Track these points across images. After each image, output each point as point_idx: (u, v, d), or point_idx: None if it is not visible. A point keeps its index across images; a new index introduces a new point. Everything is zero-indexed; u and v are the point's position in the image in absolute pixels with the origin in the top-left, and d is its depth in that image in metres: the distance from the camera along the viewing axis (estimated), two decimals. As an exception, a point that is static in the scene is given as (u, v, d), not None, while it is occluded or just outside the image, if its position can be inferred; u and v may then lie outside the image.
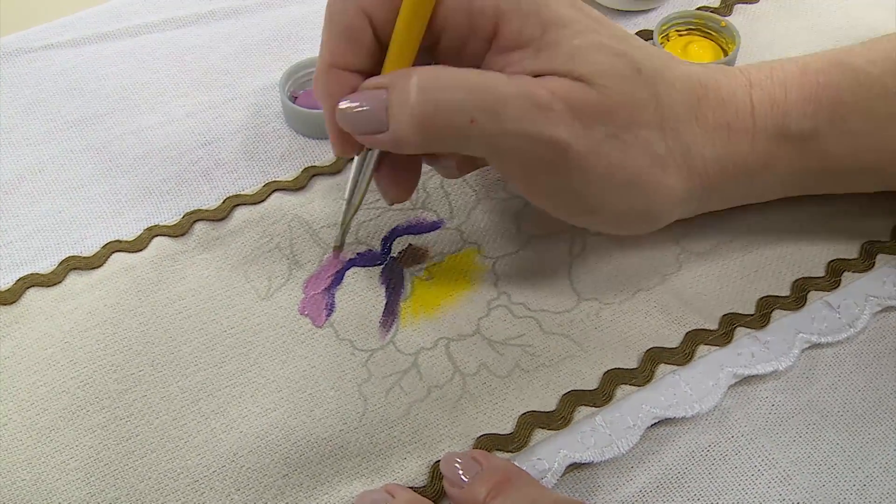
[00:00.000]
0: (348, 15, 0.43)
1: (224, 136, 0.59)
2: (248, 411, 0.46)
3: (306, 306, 0.50)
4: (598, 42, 0.42)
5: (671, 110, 0.44)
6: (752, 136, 0.46)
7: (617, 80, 0.42)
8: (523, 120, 0.41)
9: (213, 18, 0.67)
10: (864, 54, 0.47)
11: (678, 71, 0.45)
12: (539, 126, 0.41)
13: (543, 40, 0.42)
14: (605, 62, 0.42)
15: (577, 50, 0.42)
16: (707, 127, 0.45)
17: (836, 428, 0.46)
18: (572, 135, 0.41)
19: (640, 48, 0.44)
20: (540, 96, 0.41)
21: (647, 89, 0.43)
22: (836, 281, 0.50)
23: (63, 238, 0.53)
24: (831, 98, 0.46)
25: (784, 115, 0.46)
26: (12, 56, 0.64)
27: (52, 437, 0.45)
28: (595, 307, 0.49)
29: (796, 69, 0.47)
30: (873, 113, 0.46)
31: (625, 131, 0.43)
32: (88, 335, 0.48)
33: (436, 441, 0.45)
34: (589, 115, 0.42)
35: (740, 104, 0.46)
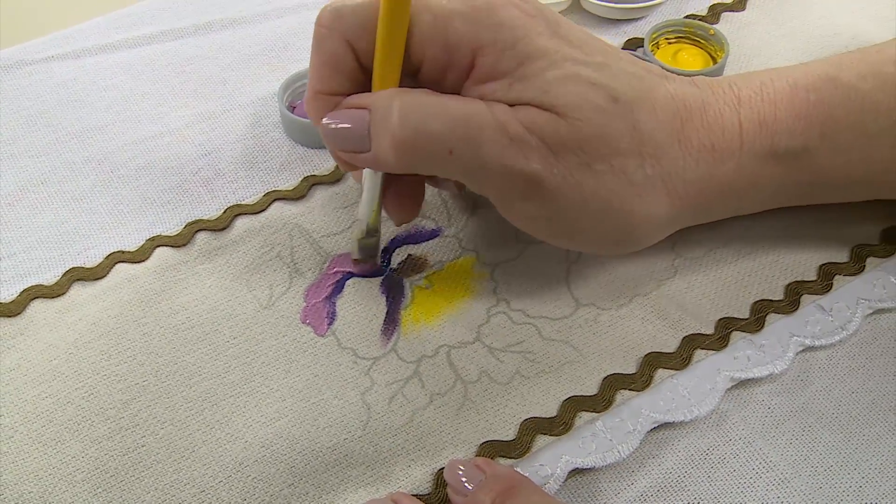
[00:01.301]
0: (332, 44, 0.42)
1: (224, 146, 0.58)
2: (253, 421, 0.44)
3: (308, 315, 0.48)
4: (573, 73, 0.41)
5: (651, 137, 0.42)
6: (739, 157, 0.44)
7: (590, 112, 0.41)
8: (499, 153, 0.40)
9: (211, 29, 0.66)
10: (855, 69, 0.46)
11: (662, 94, 0.43)
12: (513, 159, 0.40)
13: (518, 72, 0.41)
14: (579, 94, 0.41)
15: (551, 82, 0.41)
16: (691, 150, 0.44)
17: (831, 430, 0.45)
18: (545, 167, 0.41)
19: (620, 75, 0.42)
20: (514, 129, 0.40)
21: (624, 119, 0.42)
22: (828, 284, 0.49)
23: (66, 249, 0.52)
24: (822, 115, 0.45)
25: (773, 134, 0.45)
26: (13, 68, 0.62)
27: (59, 449, 0.44)
28: (593, 313, 0.48)
29: (786, 86, 0.46)
30: (864, 129, 0.45)
31: (598, 161, 0.41)
32: (92, 346, 0.47)
33: (439, 448, 0.44)
34: (562, 146, 0.41)
35: (727, 125, 0.44)
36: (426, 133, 0.40)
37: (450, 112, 0.40)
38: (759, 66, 0.61)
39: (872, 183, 0.48)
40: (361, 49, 0.42)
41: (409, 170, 0.42)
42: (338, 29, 0.42)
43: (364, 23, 0.41)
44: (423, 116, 0.40)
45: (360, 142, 0.41)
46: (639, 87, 0.43)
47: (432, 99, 0.41)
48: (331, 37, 0.42)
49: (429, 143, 0.40)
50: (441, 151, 0.40)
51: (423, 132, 0.40)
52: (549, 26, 0.42)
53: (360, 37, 0.42)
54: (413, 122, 0.40)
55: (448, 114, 0.40)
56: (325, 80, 0.43)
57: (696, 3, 0.66)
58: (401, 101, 0.40)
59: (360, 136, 0.41)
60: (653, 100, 0.43)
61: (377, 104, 0.41)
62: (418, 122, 0.40)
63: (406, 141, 0.40)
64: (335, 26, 0.42)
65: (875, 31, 0.63)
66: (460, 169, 0.41)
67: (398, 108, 0.40)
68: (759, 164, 0.45)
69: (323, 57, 0.42)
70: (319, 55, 0.43)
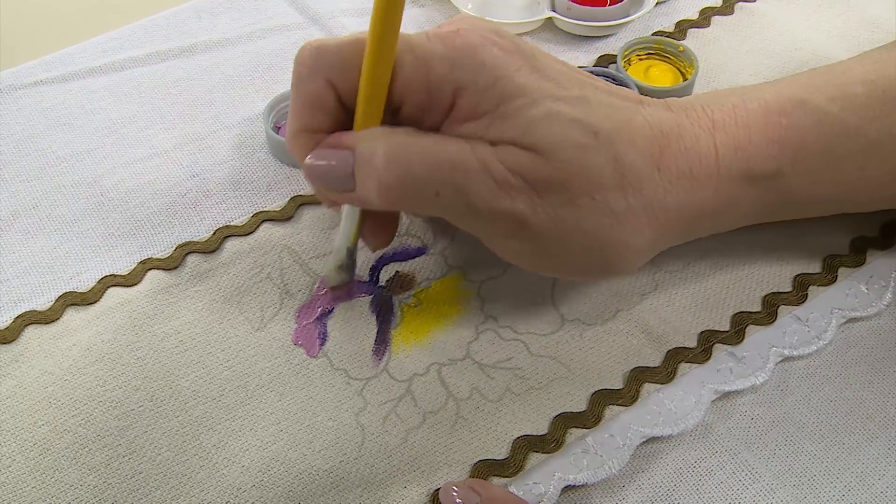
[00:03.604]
0: (313, 82, 0.39)
1: (211, 167, 0.55)
2: (249, 444, 0.42)
3: (300, 336, 0.46)
4: (553, 111, 0.38)
5: (631, 167, 0.40)
6: (717, 181, 0.42)
7: (571, 151, 0.38)
8: (485, 195, 0.38)
9: (196, 51, 0.63)
10: (824, 91, 0.44)
11: (639, 122, 0.41)
12: (499, 200, 0.38)
13: (499, 112, 0.38)
14: (559, 132, 0.38)
15: (531, 122, 0.38)
16: (670, 177, 0.41)
17: (812, 439, 0.43)
18: (529, 206, 0.38)
19: (598, 108, 0.40)
20: (498, 171, 0.38)
21: (604, 153, 0.39)
22: (803, 295, 0.47)
23: (59, 273, 0.49)
24: (794, 140, 0.43)
25: (748, 158, 0.43)
26: (2, 93, 0.59)
27: (57, 478, 0.41)
28: (579, 328, 0.46)
29: (758, 108, 0.44)
30: (833, 151, 0.43)
31: (581, 196, 0.39)
32: (87, 372, 0.44)
33: (434, 468, 0.41)
34: (544, 186, 0.38)
35: (703, 150, 0.42)
36: (412, 176, 0.38)
37: (435, 155, 0.38)
38: (726, 81, 0.59)
39: (842, 201, 0.46)
40: (342, 88, 0.39)
41: (394, 209, 0.40)
42: (319, 68, 0.39)
43: (345, 62, 0.39)
44: (408, 160, 0.38)
45: (344, 182, 0.39)
46: (617, 119, 0.40)
47: (417, 140, 0.38)
48: (312, 76, 0.39)
49: (415, 186, 0.38)
50: (427, 194, 0.38)
51: (409, 176, 0.38)
52: (527, 61, 0.39)
53: (341, 76, 0.39)
54: (398, 166, 0.37)
55: (434, 157, 0.38)
56: (306, 118, 0.40)
57: (663, 20, 0.64)
58: (385, 142, 0.38)
59: (344, 176, 0.39)
60: (631, 130, 0.40)
61: (361, 145, 0.38)
62: (404, 166, 0.37)
63: (392, 184, 0.37)
64: (316, 65, 0.39)
65: (833, 46, 0.62)
66: (446, 210, 0.39)
67: (383, 150, 0.38)
68: (735, 187, 0.43)
69: (304, 96, 0.40)
70: (300, 94, 0.40)
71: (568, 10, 0.63)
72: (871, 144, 0.43)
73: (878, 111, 0.43)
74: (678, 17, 0.65)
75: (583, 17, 0.62)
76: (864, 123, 0.43)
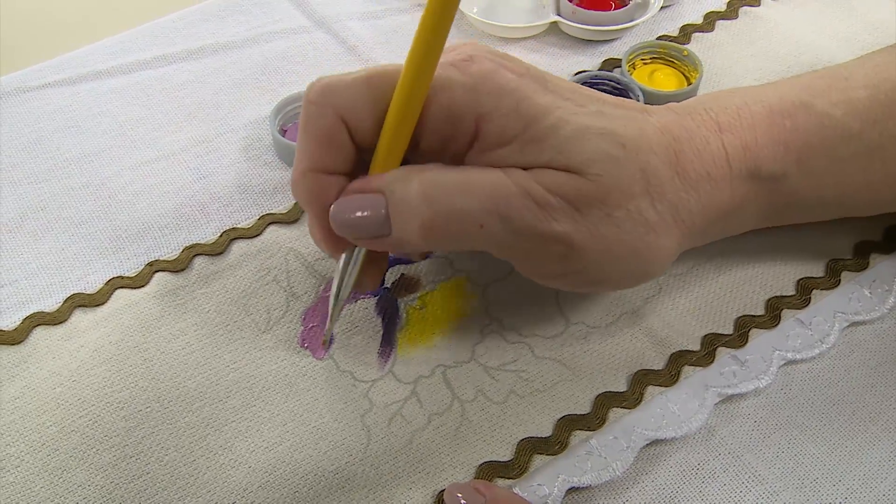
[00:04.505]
0: (326, 120, 0.38)
1: (218, 169, 0.55)
2: (255, 446, 0.42)
3: (306, 338, 0.46)
4: (582, 126, 0.38)
5: (655, 175, 0.40)
6: (730, 181, 0.42)
7: (606, 165, 0.38)
8: (529, 220, 0.37)
9: (203, 54, 0.63)
10: (827, 95, 0.44)
11: (651, 129, 0.41)
12: (543, 224, 0.38)
13: (527, 135, 0.38)
14: (591, 148, 0.38)
15: (564, 141, 0.38)
16: (689, 180, 0.41)
17: (815, 442, 0.43)
18: (573, 226, 0.38)
19: (616, 119, 0.40)
20: (538, 194, 0.37)
21: (633, 163, 0.39)
22: (806, 299, 0.47)
23: (67, 275, 0.49)
24: (798, 142, 0.43)
25: (755, 158, 0.43)
26: (11, 95, 0.59)
27: (65, 478, 0.41)
28: (583, 331, 0.46)
29: (763, 110, 0.44)
30: (836, 154, 0.44)
31: (617, 209, 0.39)
32: (95, 373, 0.44)
33: (439, 470, 0.41)
34: (585, 203, 0.38)
35: (715, 152, 0.42)
36: (455, 212, 0.37)
37: (474, 187, 0.37)
38: (730, 85, 0.59)
39: (844, 204, 0.46)
40: (354, 125, 0.38)
41: (434, 248, 0.39)
42: (330, 104, 0.38)
43: (357, 98, 0.38)
44: (448, 195, 0.37)
45: (379, 228, 0.38)
46: (635, 128, 0.40)
47: (452, 175, 0.38)
48: (323, 113, 0.38)
49: (459, 221, 0.37)
50: (471, 228, 0.37)
51: (452, 211, 0.37)
52: (540, 84, 0.39)
53: (352, 113, 0.38)
54: (439, 202, 0.37)
55: (473, 189, 0.37)
56: (316, 157, 0.39)
57: (667, 25, 0.65)
58: (419, 180, 0.37)
59: (378, 222, 0.38)
60: (648, 138, 0.40)
61: (393, 186, 0.38)
62: (444, 202, 0.37)
63: (435, 223, 0.37)
64: (327, 102, 0.38)
65: (836, 50, 0.62)
66: (491, 241, 0.38)
67: (419, 188, 0.37)
68: (745, 187, 0.43)
69: (314, 133, 0.39)
70: (310, 131, 0.39)
71: (573, 14, 0.63)
72: (874, 148, 0.44)
73: (879, 115, 0.44)
74: (683, 21, 0.65)
75: (588, 21, 0.62)
76: (866, 127, 0.44)
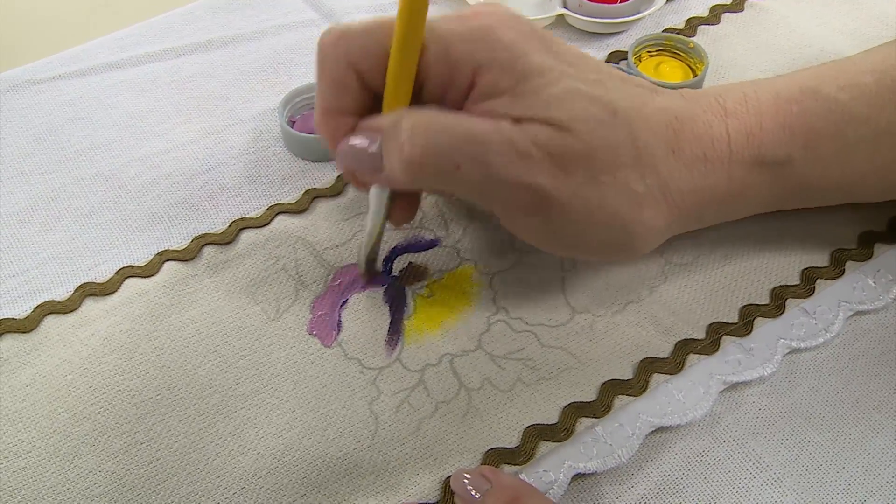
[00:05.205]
0: (335, 66, 0.40)
1: (227, 160, 0.55)
2: (264, 432, 0.42)
3: (314, 326, 0.46)
4: (573, 88, 0.39)
5: (647, 148, 0.40)
6: (729, 166, 0.43)
7: (593, 126, 0.39)
8: (506, 167, 0.38)
9: (212, 47, 0.63)
10: (834, 81, 0.45)
11: (654, 107, 0.42)
12: (520, 173, 0.38)
13: (519, 89, 0.39)
14: (581, 108, 0.39)
15: (554, 98, 0.39)
16: (684, 160, 0.42)
17: (819, 430, 0.43)
18: (552, 180, 0.39)
19: (616, 89, 0.41)
20: (520, 144, 0.38)
21: (623, 131, 0.40)
22: (810, 288, 0.47)
23: (77, 265, 0.49)
24: (804, 126, 0.44)
25: (760, 144, 0.43)
26: (22, 87, 0.60)
27: (76, 464, 0.41)
28: (589, 320, 0.46)
29: (770, 97, 0.44)
30: (843, 138, 0.44)
31: (602, 173, 0.39)
32: (106, 361, 0.45)
33: (446, 456, 0.42)
34: (568, 161, 0.39)
35: (716, 135, 0.43)
36: (433, 150, 0.38)
37: (456, 129, 0.38)
38: (735, 77, 0.59)
39: (851, 190, 0.46)
40: (365, 71, 0.40)
41: (418, 186, 0.40)
42: (341, 52, 0.40)
43: (367, 46, 0.40)
44: (430, 134, 0.38)
45: (372, 161, 0.40)
46: (632, 101, 0.41)
47: (439, 117, 0.39)
48: (334, 59, 0.40)
49: (436, 159, 0.38)
50: (448, 168, 0.38)
51: (431, 149, 0.38)
52: (543, 44, 0.40)
53: (363, 59, 0.40)
54: (421, 140, 0.38)
55: (455, 131, 0.38)
56: (332, 100, 0.41)
57: (673, 17, 0.65)
58: (408, 119, 0.38)
59: (372, 156, 0.39)
60: (647, 112, 0.41)
61: (388, 126, 0.39)
62: (426, 140, 0.38)
63: (414, 158, 0.38)
64: (338, 50, 0.40)
65: (841, 43, 0.62)
66: (468, 184, 0.39)
67: (406, 126, 0.38)
68: (746, 173, 0.43)
69: (327, 79, 0.41)
70: (324, 76, 0.41)
71: (579, 6, 0.63)
72: (880, 132, 0.44)
73: (886, 100, 0.44)
74: (688, 14, 0.65)
75: (594, 13, 0.62)
76: (873, 112, 0.44)
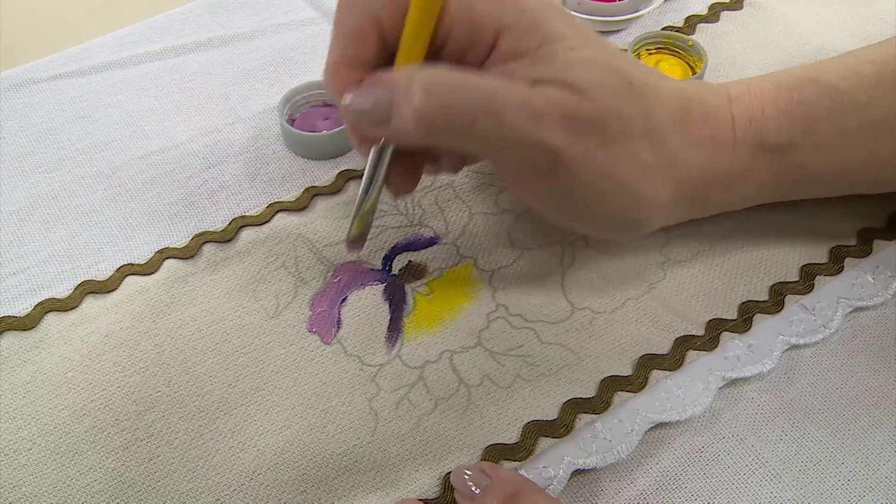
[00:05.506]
0: (357, 17, 0.40)
1: (227, 158, 0.55)
2: (264, 429, 0.42)
3: (314, 323, 0.46)
4: (591, 57, 0.39)
5: (659, 122, 0.41)
6: (733, 148, 0.43)
7: (609, 93, 0.39)
8: (520, 125, 0.38)
9: (212, 46, 0.63)
10: (834, 70, 0.45)
11: (665, 85, 0.43)
12: (534, 132, 0.38)
13: (540, 52, 0.39)
14: (599, 75, 0.39)
15: (572, 63, 0.39)
16: (692, 138, 0.42)
17: (818, 425, 0.43)
18: (565, 142, 0.39)
19: (632, 63, 0.42)
20: (536, 104, 0.38)
21: (637, 102, 0.40)
22: (809, 285, 0.47)
23: (78, 262, 0.50)
24: (805, 112, 0.44)
25: (762, 129, 0.44)
26: (22, 87, 0.60)
27: (76, 461, 0.41)
28: (588, 316, 0.46)
29: (770, 86, 0.45)
30: (844, 126, 0.44)
31: (614, 141, 0.40)
32: (106, 358, 0.45)
33: (445, 452, 0.42)
34: (581, 124, 0.39)
35: (722, 118, 0.43)
36: (449, 104, 0.37)
37: (473, 84, 0.38)
38: (735, 75, 0.59)
39: (852, 178, 0.47)
40: (385, 23, 0.40)
41: (429, 141, 0.39)
42: (362, 2, 0.40)
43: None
44: (446, 88, 0.38)
45: (381, 113, 0.38)
46: (647, 78, 0.42)
47: (455, 73, 0.38)
48: (356, 8, 0.40)
49: (452, 113, 0.37)
50: (463, 122, 0.37)
51: (447, 103, 0.37)
52: (565, 16, 0.41)
53: (385, 11, 0.40)
54: (437, 94, 0.37)
55: (471, 86, 0.38)
56: (346, 50, 0.40)
57: (672, 16, 0.65)
58: (424, 74, 0.38)
59: (382, 109, 0.38)
60: (659, 89, 0.42)
61: (400, 78, 0.38)
62: (442, 94, 0.37)
63: (428, 111, 0.37)
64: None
65: (841, 41, 0.62)
66: (481, 141, 0.38)
67: (421, 80, 0.38)
68: (750, 157, 0.44)
69: (345, 28, 0.40)
70: (342, 26, 0.40)
71: (579, 5, 0.63)
72: (880, 120, 0.44)
73: (886, 89, 0.44)
74: (687, 12, 0.65)
75: (593, 11, 0.62)
76: (873, 100, 0.44)
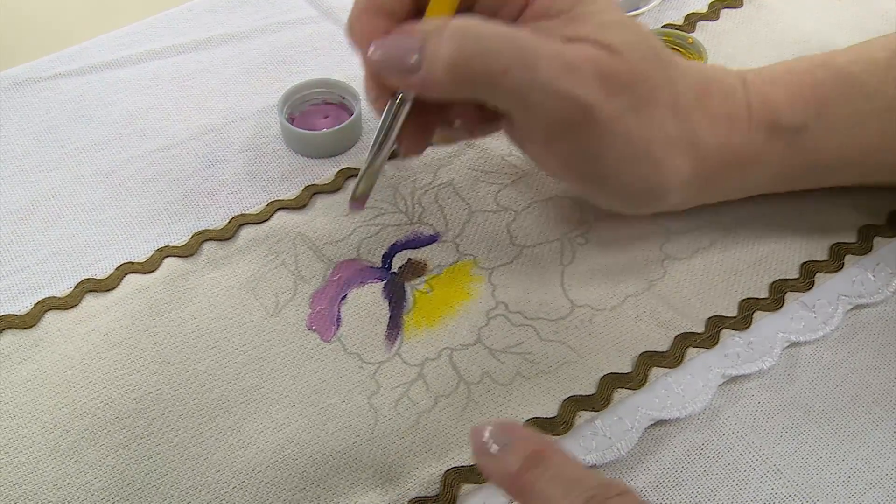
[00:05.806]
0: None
1: (227, 157, 0.55)
2: (264, 426, 0.42)
3: (314, 321, 0.46)
4: (623, 21, 0.40)
5: (683, 95, 0.42)
6: (748, 128, 0.44)
7: (640, 56, 0.40)
8: (554, 77, 0.38)
9: (212, 44, 0.63)
10: (847, 56, 0.46)
11: (685, 64, 0.44)
12: (568, 84, 0.38)
13: (573, 13, 0.40)
14: (631, 38, 0.40)
15: (606, 24, 0.40)
16: (711, 115, 0.43)
17: (818, 423, 0.43)
18: (599, 98, 0.39)
19: (657, 42, 0.42)
20: (571, 57, 0.38)
21: (665, 71, 0.41)
22: (810, 282, 0.47)
23: (78, 261, 0.50)
24: (817, 96, 0.45)
25: (775, 110, 0.44)
26: (22, 86, 0.60)
27: (76, 458, 0.41)
28: (588, 313, 0.46)
29: (783, 70, 0.46)
30: (855, 109, 0.45)
31: (646, 105, 0.40)
32: (106, 356, 0.45)
33: (445, 450, 0.42)
34: (615, 83, 0.39)
35: (738, 98, 0.44)
36: (481, 52, 0.37)
37: (507, 35, 0.38)
38: (735, 73, 0.59)
39: (864, 164, 0.47)
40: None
41: (458, 92, 0.39)
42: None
43: None
44: (479, 37, 0.38)
45: (409, 64, 0.38)
46: (672, 54, 0.43)
47: (488, 23, 0.38)
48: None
49: (484, 63, 0.37)
50: (496, 70, 0.37)
51: (479, 51, 0.37)
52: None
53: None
54: (469, 43, 0.37)
55: (505, 36, 0.38)
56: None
57: (672, 13, 0.65)
58: (456, 23, 0.38)
59: (409, 55, 0.38)
60: (681, 65, 0.43)
61: (432, 28, 0.38)
62: (474, 42, 0.37)
63: (461, 59, 0.37)
64: None
65: (842, 38, 0.61)
66: (513, 92, 0.38)
67: (453, 29, 0.37)
68: (764, 138, 0.44)
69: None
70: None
71: (578, 3, 0.63)
72: (893, 105, 0.44)
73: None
74: (687, 10, 0.65)
75: (593, 9, 0.62)
76: (884, 85, 0.45)
